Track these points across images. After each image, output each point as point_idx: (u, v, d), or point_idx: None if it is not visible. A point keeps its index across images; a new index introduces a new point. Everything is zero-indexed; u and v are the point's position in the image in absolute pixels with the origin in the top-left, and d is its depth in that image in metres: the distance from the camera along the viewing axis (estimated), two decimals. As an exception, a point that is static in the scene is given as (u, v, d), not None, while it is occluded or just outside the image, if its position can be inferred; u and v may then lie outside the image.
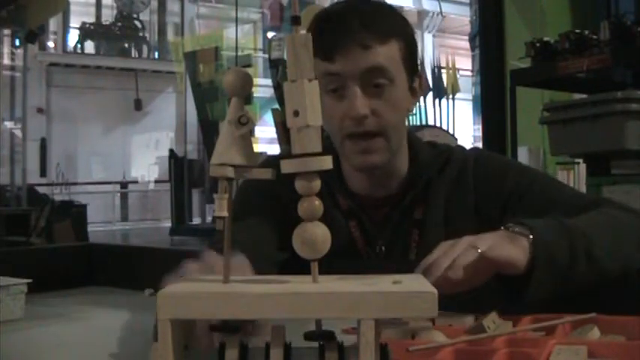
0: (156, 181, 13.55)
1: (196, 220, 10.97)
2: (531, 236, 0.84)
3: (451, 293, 0.77)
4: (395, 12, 1.06)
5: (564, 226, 0.88)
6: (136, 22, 13.88)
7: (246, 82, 0.56)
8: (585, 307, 0.79)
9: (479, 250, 0.80)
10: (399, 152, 1.07)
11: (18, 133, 10.17)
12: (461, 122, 11.20)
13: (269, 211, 1.08)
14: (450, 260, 0.80)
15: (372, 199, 1.09)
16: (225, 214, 0.54)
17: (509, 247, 0.82)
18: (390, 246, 1.08)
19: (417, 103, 1.13)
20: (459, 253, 0.80)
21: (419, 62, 1.09)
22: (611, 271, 0.90)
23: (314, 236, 0.53)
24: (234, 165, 0.55)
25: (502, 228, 0.87)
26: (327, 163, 0.53)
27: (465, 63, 11.88)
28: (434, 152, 1.11)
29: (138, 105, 13.72)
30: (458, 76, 11.29)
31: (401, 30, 1.03)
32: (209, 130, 9.57)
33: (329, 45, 0.99)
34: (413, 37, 1.05)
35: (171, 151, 10.64)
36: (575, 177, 3.84)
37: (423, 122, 9.78)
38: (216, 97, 9.49)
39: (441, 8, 15.10)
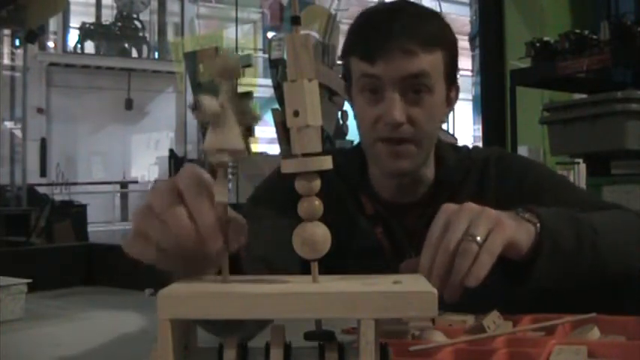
0: (155, 181, 13.54)
1: (196, 220, 10.92)
2: (539, 224, 0.82)
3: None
4: (440, 18, 1.04)
5: (573, 216, 0.87)
6: (136, 22, 13.86)
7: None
8: (585, 307, 0.79)
9: (478, 238, 0.74)
10: (427, 159, 1.07)
11: (18, 133, 10.16)
12: (461, 122, 11.20)
13: (291, 212, 1.07)
14: (448, 256, 0.74)
15: (398, 205, 1.09)
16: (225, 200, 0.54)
17: (513, 228, 0.78)
18: (420, 252, 1.06)
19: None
20: (461, 253, 0.74)
21: (457, 71, 1.07)
22: (614, 266, 0.90)
23: (314, 236, 0.53)
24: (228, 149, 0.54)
25: (513, 211, 0.83)
26: (327, 163, 0.53)
27: (465, 63, 11.86)
28: (457, 156, 1.11)
29: (129, 104, 13.69)
30: (458, 75, 11.28)
31: (446, 39, 1.01)
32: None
33: (370, 46, 0.97)
34: (456, 47, 1.04)
35: (171, 151, 10.63)
36: (575, 177, 3.84)
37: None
38: (217, 97, 9.48)
39: (440, 8, 15.10)
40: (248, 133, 0.55)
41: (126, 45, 13.90)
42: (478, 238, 0.74)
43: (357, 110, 1.05)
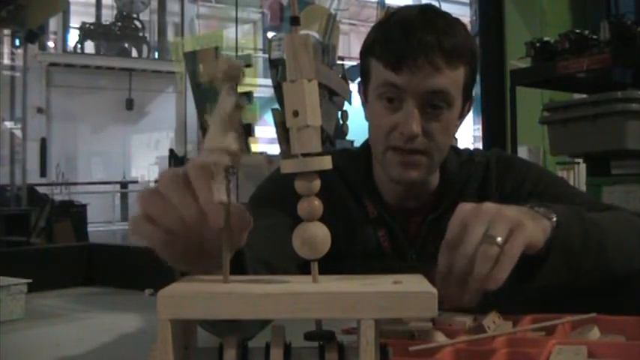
0: (156, 181, 13.45)
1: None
2: (554, 219, 0.81)
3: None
4: (466, 29, 1.03)
5: (580, 214, 0.87)
6: (136, 22, 13.85)
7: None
8: (586, 306, 0.79)
9: (498, 240, 0.72)
10: (436, 169, 1.07)
11: (18, 133, 10.15)
12: (461, 122, 11.20)
13: (291, 212, 1.07)
14: (467, 260, 0.72)
15: (401, 209, 1.09)
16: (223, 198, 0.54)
17: (532, 227, 0.76)
18: (422, 257, 1.07)
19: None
20: (481, 258, 0.72)
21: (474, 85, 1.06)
22: (619, 265, 0.90)
23: (314, 236, 0.53)
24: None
25: (527, 206, 0.82)
26: (327, 163, 0.53)
27: (465, 63, 11.85)
28: (460, 160, 1.11)
29: (129, 104, 13.69)
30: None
31: (470, 54, 1.00)
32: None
33: (398, 55, 0.96)
34: (477, 59, 1.02)
35: (171, 151, 10.63)
36: (575, 177, 3.83)
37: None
38: (216, 97, 9.48)
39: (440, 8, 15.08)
40: (248, 133, 0.55)
41: (126, 45, 13.90)
42: (499, 239, 0.72)
43: (371, 115, 1.04)
